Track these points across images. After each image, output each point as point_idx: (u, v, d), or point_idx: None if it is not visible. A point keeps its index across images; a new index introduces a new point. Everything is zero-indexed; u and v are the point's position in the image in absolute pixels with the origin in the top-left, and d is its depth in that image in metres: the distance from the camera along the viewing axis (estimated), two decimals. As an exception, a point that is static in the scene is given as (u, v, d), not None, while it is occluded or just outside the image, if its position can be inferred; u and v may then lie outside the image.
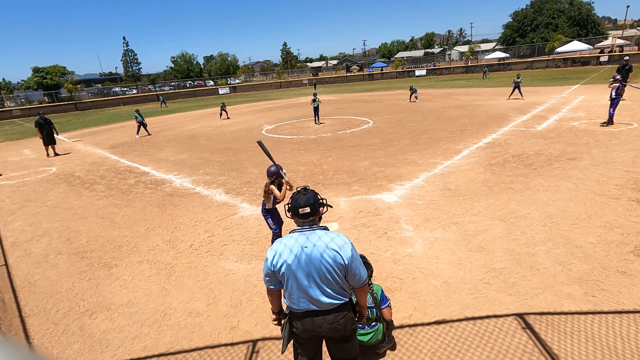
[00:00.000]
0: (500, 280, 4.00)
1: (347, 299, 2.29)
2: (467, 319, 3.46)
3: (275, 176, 4.45)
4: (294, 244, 2.17)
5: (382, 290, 3.17)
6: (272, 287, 2.30)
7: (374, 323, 3.06)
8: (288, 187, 4.35)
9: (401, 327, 3.44)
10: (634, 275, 3.89)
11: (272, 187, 4.47)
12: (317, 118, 16.41)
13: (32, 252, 5.78)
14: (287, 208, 2.34)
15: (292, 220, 2.34)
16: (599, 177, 6.81)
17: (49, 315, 4.10)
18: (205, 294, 4.24)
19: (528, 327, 3.28)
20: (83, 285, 4.68)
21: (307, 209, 2.21)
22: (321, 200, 2.34)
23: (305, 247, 2.14)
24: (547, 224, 5.19)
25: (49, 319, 4.03)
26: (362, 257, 2.88)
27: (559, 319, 3.35)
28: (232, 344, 3.43)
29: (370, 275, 3.08)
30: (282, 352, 2.43)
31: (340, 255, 2.12)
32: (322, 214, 2.36)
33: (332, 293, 2.21)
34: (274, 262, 2.18)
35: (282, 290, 2.33)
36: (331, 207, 2.50)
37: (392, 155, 9.85)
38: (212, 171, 9.85)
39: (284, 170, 4.44)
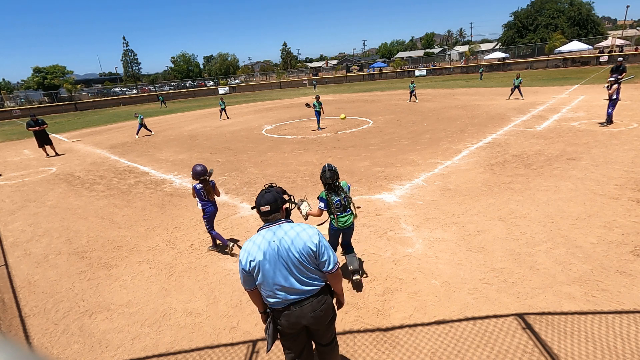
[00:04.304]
0: (500, 280, 4.00)
1: (324, 284, 2.38)
2: (467, 319, 3.46)
3: (203, 177, 4.79)
4: (261, 241, 2.25)
5: (348, 185, 4.08)
6: (249, 287, 2.37)
7: (348, 210, 3.99)
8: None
9: (401, 327, 3.44)
10: (634, 275, 3.89)
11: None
12: (318, 123, 15.00)
13: (32, 252, 5.78)
14: (252, 206, 2.47)
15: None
16: (599, 177, 6.81)
17: (48, 316, 4.10)
18: (205, 294, 4.24)
19: (528, 327, 3.28)
20: (83, 285, 4.68)
21: (268, 207, 2.30)
22: (288, 197, 2.43)
23: (273, 241, 2.24)
24: (547, 224, 5.19)
25: (48, 319, 4.03)
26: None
27: (559, 319, 3.35)
28: (232, 344, 3.43)
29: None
30: (267, 351, 2.47)
31: (307, 244, 2.23)
32: (289, 210, 2.47)
33: (307, 280, 2.29)
34: (247, 262, 2.24)
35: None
36: (296, 204, 2.61)
37: (392, 155, 9.85)
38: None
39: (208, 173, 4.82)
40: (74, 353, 3.49)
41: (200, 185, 4.79)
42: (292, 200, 2.48)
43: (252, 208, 2.45)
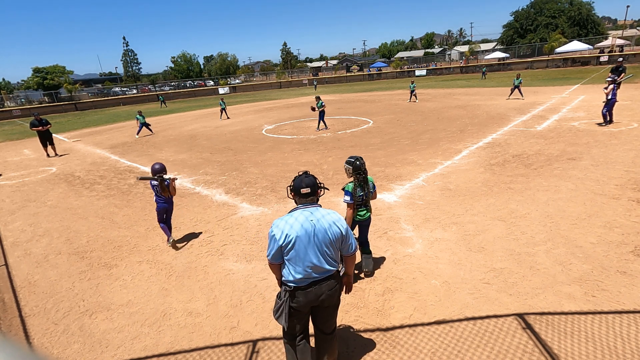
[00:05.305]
0: (500, 280, 4.00)
1: (338, 267, 2.68)
2: (467, 319, 3.46)
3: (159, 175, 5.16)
4: (299, 216, 2.48)
5: (372, 180, 4.17)
6: (277, 261, 2.55)
7: (368, 204, 4.17)
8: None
9: (401, 327, 3.44)
10: (634, 275, 3.89)
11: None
12: (319, 123, 14.73)
13: (32, 252, 5.78)
14: (290, 189, 2.67)
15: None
16: (599, 177, 6.81)
17: (49, 315, 4.10)
18: (205, 294, 4.24)
19: (528, 327, 3.28)
20: (83, 285, 4.68)
21: (308, 189, 2.56)
22: (320, 184, 2.70)
23: (311, 220, 2.46)
24: (547, 224, 5.19)
25: (49, 319, 4.03)
26: None
27: (559, 319, 3.35)
28: (232, 344, 3.43)
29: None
30: (286, 328, 2.69)
31: (339, 227, 2.52)
32: (320, 196, 2.70)
33: (332, 261, 2.57)
34: (282, 236, 2.42)
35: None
36: (327, 189, 2.84)
37: (392, 155, 9.85)
38: (212, 171, 9.85)
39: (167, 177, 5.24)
40: (74, 353, 3.49)
41: (156, 182, 5.21)
42: (323, 186, 2.72)
43: (290, 190, 2.64)
